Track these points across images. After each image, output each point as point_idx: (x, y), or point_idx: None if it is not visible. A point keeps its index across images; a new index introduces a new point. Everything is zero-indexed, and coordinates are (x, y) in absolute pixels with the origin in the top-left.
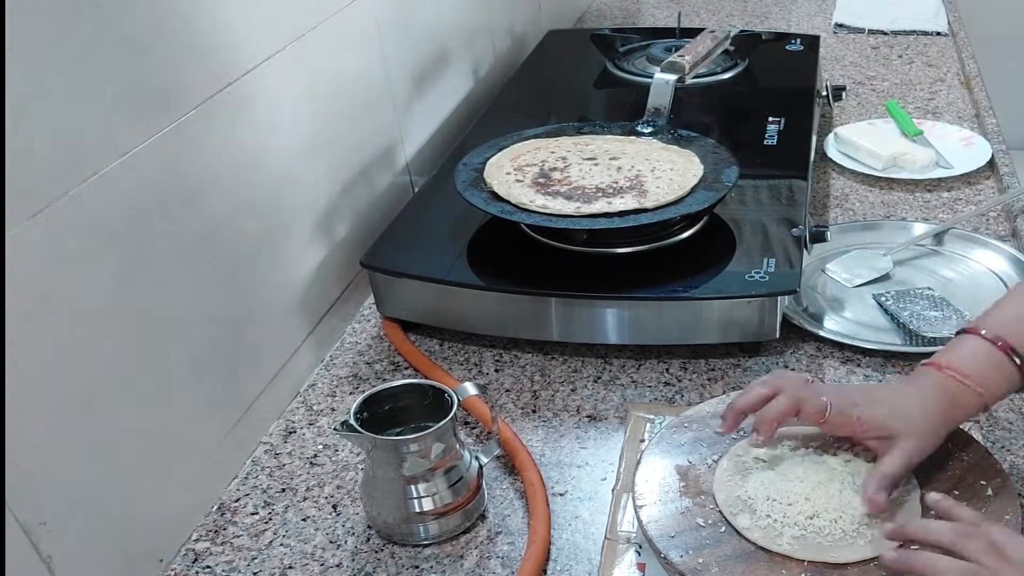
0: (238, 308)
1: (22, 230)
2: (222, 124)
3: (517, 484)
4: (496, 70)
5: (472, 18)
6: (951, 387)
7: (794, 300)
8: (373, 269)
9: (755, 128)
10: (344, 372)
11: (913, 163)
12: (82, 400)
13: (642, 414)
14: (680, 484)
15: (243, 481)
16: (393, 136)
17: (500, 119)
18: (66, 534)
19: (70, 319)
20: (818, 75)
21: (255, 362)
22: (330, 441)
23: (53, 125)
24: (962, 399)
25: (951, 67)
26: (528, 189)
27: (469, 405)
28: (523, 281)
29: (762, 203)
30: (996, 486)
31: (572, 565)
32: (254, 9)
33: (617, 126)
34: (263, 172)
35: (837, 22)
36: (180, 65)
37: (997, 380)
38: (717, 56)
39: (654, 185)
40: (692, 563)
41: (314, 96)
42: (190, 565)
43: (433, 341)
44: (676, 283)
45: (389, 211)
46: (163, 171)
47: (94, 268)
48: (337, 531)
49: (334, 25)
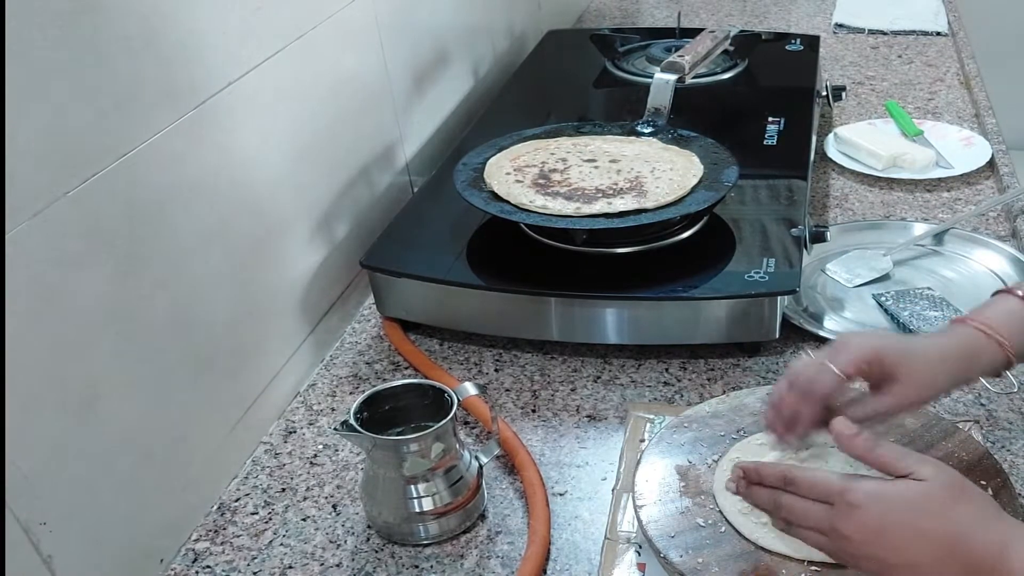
0: (238, 308)
1: (22, 230)
2: (222, 124)
3: (517, 484)
4: (495, 70)
5: (472, 18)
6: (972, 338)
7: (794, 300)
8: (373, 269)
9: (755, 128)
10: (344, 372)
11: (913, 163)
12: (82, 400)
13: (642, 414)
14: (680, 484)
15: (243, 481)
16: (393, 136)
17: (500, 119)
18: (66, 534)
19: (70, 319)
20: (818, 75)
21: (255, 362)
22: (330, 441)
23: (53, 125)
24: (982, 350)
25: (951, 67)
26: (528, 189)
27: (469, 405)
28: (523, 281)
29: (762, 203)
30: (996, 486)
31: (572, 565)
32: (254, 10)
33: (617, 126)
34: (263, 172)
35: (837, 22)
36: (180, 65)
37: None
38: (717, 56)
39: (654, 185)
40: (692, 563)
41: (314, 96)
42: (190, 565)
43: (433, 341)
44: (676, 283)
45: (389, 211)
46: (163, 171)
47: (94, 268)
48: (337, 531)
49: (334, 25)
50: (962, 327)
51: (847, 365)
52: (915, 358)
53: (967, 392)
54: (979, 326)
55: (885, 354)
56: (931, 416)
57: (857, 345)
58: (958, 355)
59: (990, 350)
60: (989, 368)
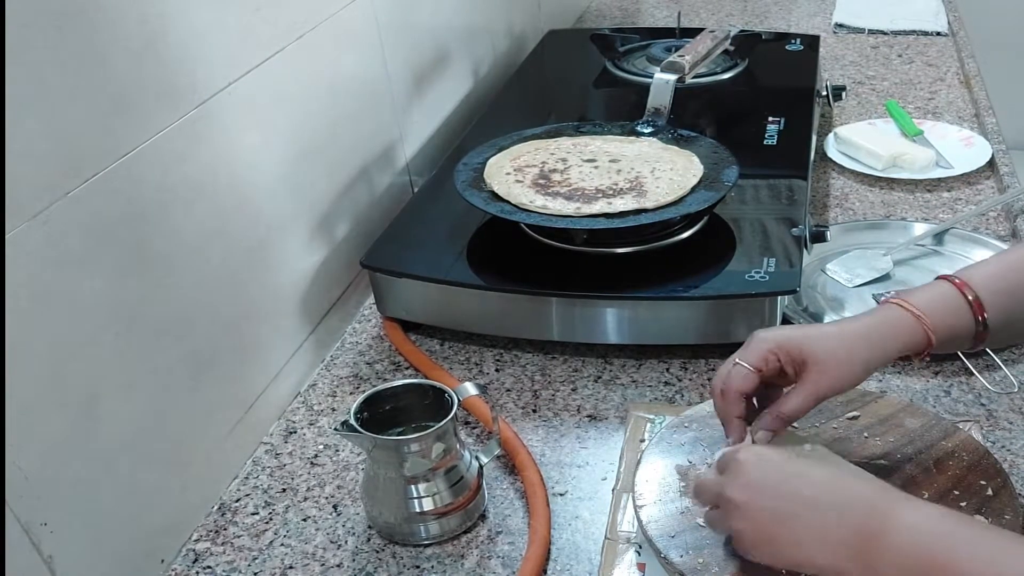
0: (238, 308)
1: (22, 230)
2: (222, 124)
3: (517, 484)
4: (496, 70)
5: (472, 18)
6: (894, 315)
7: (794, 300)
8: (373, 269)
9: (755, 128)
10: (344, 372)
11: (913, 163)
12: (82, 400)
13: (642, 414)
14: (680, 484)
15: (243, 481)
16: (393, 136)
17: (500, 119)
18: (67, 534)
19: (70, 319)
20: (818, 75)
21: (255, 362)
22: (331, 441)
23: (53, 125)
24: (901, 326)
25: (951, 67)
26: (528, 189)
27: (469, 405)
28: (523, 281)
29: (762, 203)
30: (996, 486)
31: (572, 565)
32: (254, 10)
33: (617, 126)
34: (263, 172)
35: (837, 22)
36: (180, 65)
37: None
38: (717, 56)
39: (654, 185)
40: (692, 563)
41: (314, 96)
42: (190, 565)
43: (433, 341)
44: (676, 283)
45: (389, 211)
46: (163, 171)
47: (94, 268)
48: (338, 531)
49: (334, 25)
50: (886, 306)
51: (754, 359)
52: (824, 341)
53: (967, 392)
54: (901, 302)
55: (789, 344)
56: (931, 416)
57: (761, 339)
58: (875, 332)
59: (909, 326)
60: (907, 344)
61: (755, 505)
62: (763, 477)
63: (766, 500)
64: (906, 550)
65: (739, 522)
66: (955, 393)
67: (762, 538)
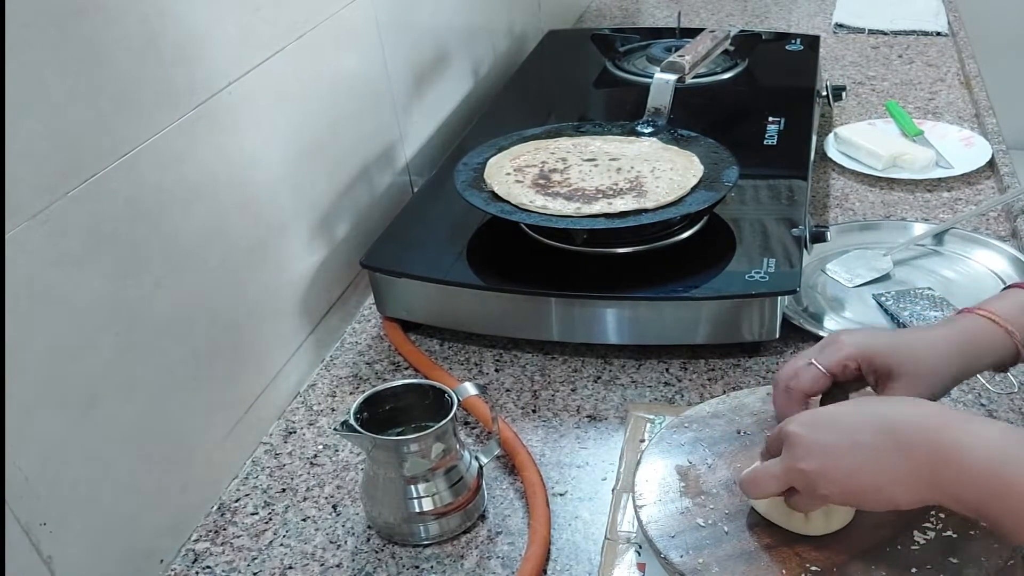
0: (238, 308)
1: (22, 230)
2: (222, 124)
3: (517, 484)
4: (496, 70)
5: (472, 18)
6: (980, 327)
7: (794, 300)
8: (373, 269)
9: (755, 128)
10: (344, 372)
11: (913, 163)
12: (82, 400)
13: (642, 414)
14: (680, 484)
15: (243, 481)
16: (393, 136)
17: (500, 119)
18: (66, 534)
19: (70, 319)
20: (818, 75)
21: (255, 362)
22: (330, 441)
23: (53, 126)
24: (990, 339)
25: (951, 67)
26: (528, 190)
27: (469, 405)
28: (523, 281)
29: (762, 203)
30: None
31: (572, 565)
32: (254, 10)
33: (617, 126)
34: (263, 172)
35: (837, 22)
36: (180, 65)
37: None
38: (717, 56)
39: (654, 185)
40: (692, 563)
41: (314, 96)
42: (190, 565)
43: (433, 341)
44: (676, 283)
45: (389, 211)
46: (163, 171)
47: (94, 268)
48: (337, 531)
49: (334, 25)
50: (968, 316)
51: (832, 364)
52: (914, 352)
53: (967, 392)
54: (987, 314)
55: (875, 352)
56: None
57: (842, 343)
58: (963, 345)
59: (998, 339)
60: (997, 358)
61: (832, 466)
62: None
63: (841, 459)
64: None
65: (824, 488)
66: (955, 393)
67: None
